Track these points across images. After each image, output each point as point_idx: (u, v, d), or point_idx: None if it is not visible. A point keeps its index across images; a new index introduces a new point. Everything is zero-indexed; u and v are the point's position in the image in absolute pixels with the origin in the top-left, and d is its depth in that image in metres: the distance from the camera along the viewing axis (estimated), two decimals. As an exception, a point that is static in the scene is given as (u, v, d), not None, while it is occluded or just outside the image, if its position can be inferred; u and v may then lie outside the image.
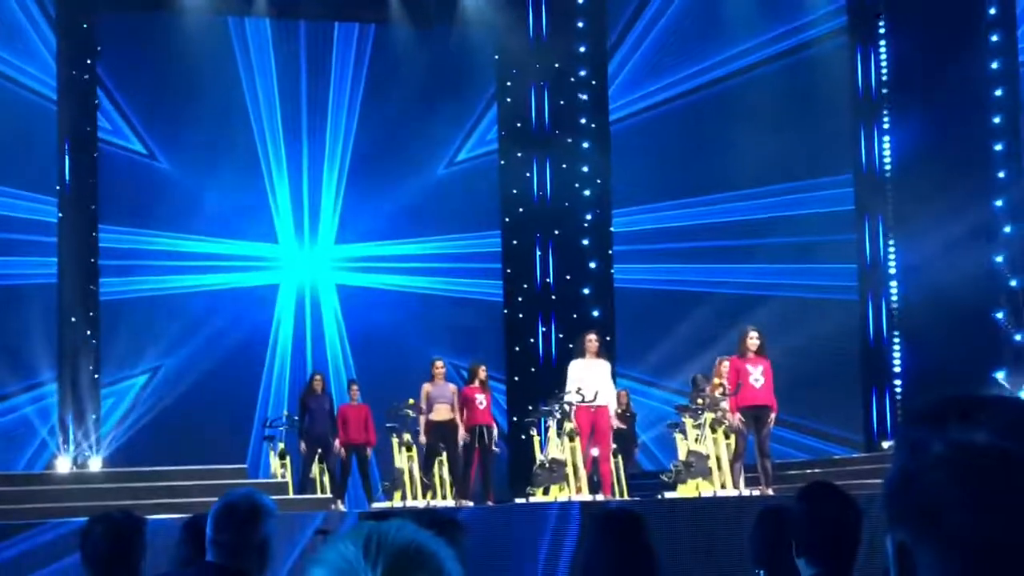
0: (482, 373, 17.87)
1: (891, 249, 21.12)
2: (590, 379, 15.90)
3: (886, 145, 21.31)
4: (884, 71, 21.36)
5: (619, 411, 17.24)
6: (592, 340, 16.35)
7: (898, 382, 21.01)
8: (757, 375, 15.26)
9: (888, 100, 21.32)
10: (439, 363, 17.78)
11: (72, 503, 14.90)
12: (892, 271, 21.16)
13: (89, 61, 21.74)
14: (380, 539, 1.57)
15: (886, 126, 21.34)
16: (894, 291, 21.11)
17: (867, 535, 4.37)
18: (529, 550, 13.71)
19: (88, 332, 21.27)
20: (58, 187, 21.40)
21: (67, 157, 21.45)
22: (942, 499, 1.44)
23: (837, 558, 4.28)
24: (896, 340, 21.06)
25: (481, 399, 17.58)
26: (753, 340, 15.43)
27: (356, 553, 1.56)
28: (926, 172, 19.89)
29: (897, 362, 21.05)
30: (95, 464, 20.26)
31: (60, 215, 21.32)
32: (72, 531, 12.63)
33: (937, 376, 18.90)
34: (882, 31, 21.35)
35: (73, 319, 21.13)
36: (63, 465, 20.01)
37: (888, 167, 21.28)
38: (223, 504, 4.60)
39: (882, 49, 21.38)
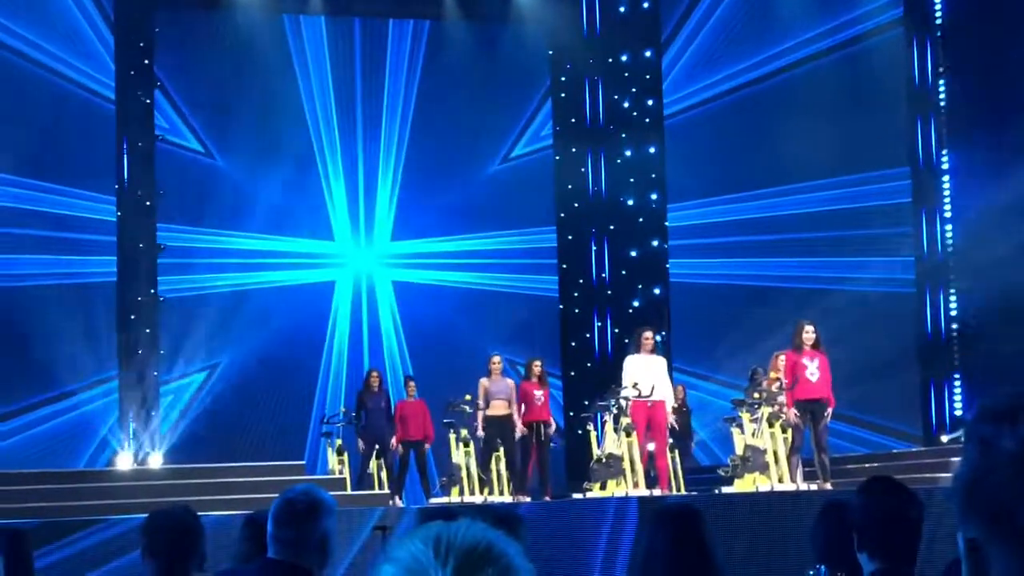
0: (537, 368, 17.81)
1: (949, 241, 20.93)
2: (647, 375, 15.87)
3: (943, 136, 21.10)
4: (940, 61, 21.15)
5: (675, 406, 17.18)
6: (648, 338, 16.27)
7: (957, 376, 20.82)
8: (813, 369, 15.19)
9: (945, 90, 21.13)
10: (496, 358, 17.77)
11: (133, 500, 15.01)
12: (950, 263, 20.96)
13: (146, 60, 21.91)
14: (450, 537, 1.58)
15: (943, 117, 21.14)
16: (952, 284, 20.92)
17: (928, 529, 4.34)
18: (587, 545, 13.71)
19: (147, 330, 21.44)
20: (117, 186, 21.58)
21: (125, 156, 21.63)
22: (1013, 496, 1.43)
23: (898, 552, 4.25)
24: (955, 333, 20.86)
25: (539, 395, 17.54)
26: (809, 334, 15.34)
27: (426, 551, 1.57)
28: (984, 162, 19.71)
29: (956, 355, 20.85)
30: (155, 461, 20.39)
31: (119, 213, 21.50)
32: (133, 528, 12.73)
33: (996, 370, 18.73)
34: (938, 20, 21.15)
35: (132, 317, 21.31)
36: (124, 462, 20.16)
37: (945, 158, 21.08)
38: (283, 500, 4.63)
39: (938, 38, 21.17)
